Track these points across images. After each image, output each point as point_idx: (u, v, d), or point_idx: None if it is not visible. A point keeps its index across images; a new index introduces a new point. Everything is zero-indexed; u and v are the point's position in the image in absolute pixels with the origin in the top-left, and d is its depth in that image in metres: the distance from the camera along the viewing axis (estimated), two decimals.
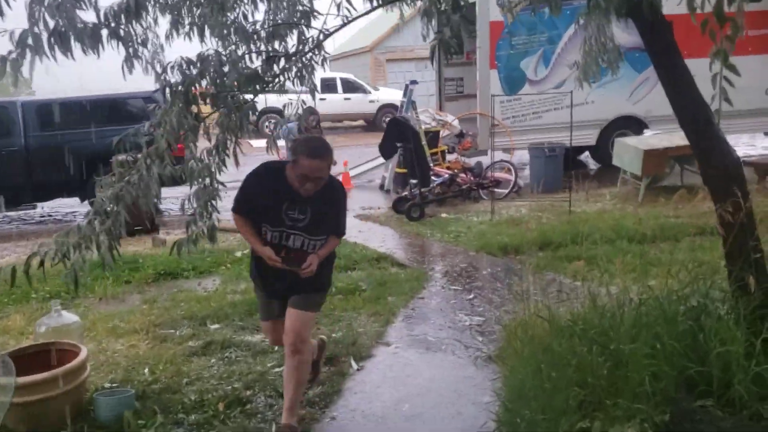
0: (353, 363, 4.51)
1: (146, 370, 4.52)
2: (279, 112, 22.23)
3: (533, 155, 11.06)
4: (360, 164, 12.99)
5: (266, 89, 3.48)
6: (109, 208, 3.07)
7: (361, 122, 23.84)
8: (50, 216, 11.53)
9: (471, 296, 5.89)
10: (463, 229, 8.45)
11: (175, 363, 4.64)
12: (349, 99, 22.85)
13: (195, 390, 4.20)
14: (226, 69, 3.24)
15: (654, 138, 10.03)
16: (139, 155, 3.19)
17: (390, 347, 4.81)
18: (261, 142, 22.74)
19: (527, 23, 11.46)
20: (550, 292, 5.65)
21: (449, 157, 11.81)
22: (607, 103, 11.82)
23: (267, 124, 22.23)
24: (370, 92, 23.30)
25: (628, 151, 9.65)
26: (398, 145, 9.12)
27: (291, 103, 3.77)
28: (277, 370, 4.45)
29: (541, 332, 3.68)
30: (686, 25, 3.10)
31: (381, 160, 11.24)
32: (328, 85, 22.90)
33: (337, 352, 4.65)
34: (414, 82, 11.35)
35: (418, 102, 11.44)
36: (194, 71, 3.20)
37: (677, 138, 8.43)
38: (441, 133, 12.08)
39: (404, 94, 11.37)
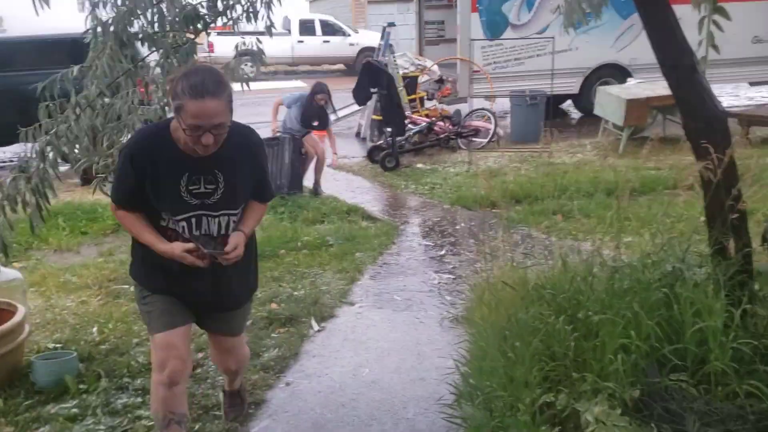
0: (314, 324, 4.30)
1: (95, 329, 4.28)
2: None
3: (514, 103, 10.73)
4: (336, 110, 12.58)
5: (210, 28, 3.10)
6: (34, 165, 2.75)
7: (340, 66, 23.21)
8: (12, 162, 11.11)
9: (442, 252, 5.68)
10: (438, 180, 8.18)
11: (126, 322, 4.40)
12: (328, 42, 22.16)
13: (144, 351, 3.96)
14: (163, 6, 2.89)
15: (637, 87, 9.74)
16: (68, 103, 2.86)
17: (354, 307, 4.59)
18: (237, 86, 22.19)
19: None
20: (523, 249, 5.48)
21: (428, 104, 11.47)
22: (590, 50, 11.45)
23: (243, 67, 21.52)
24: (349, 35, 22.60)
25: (610, 100, 9.37)
26: (372, 90, 8.76)
27: (244, 43, 3.38)
28: None
29: (508, 295, 3.46)
30: None
31: (358, 106, 10.85)
32: (307, 27, 22.22)
33: (298, 312, 4.42)
34: (391, 24, 10.89)
35: (398, 46, 11.03)
36: (127, 7, 2.84)
37: (661, 87, 8.14)
38: (420, 78, 11.69)
39: (381, 37, 10.92)
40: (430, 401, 3.33)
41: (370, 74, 8.55)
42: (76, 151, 2.83)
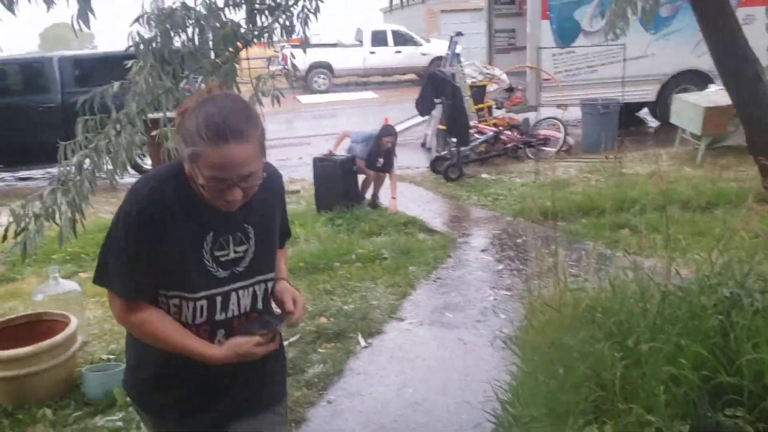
0: (361, 339, 4.23)
1: None
2: (329, 67, 21.91)
3: (586, 112, 10.39)
4: (404, 120, 12.54)
5: (250, 45, 3.09)
6: (72, 178, 2.80)
7: (412, 76, 23.19)
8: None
9: (500, 267, 5.51)
10: (503, 191, 7.99)
11: None
12: (399, 52, 22.20)
13: None
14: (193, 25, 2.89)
15: (717, 94, 9.22)
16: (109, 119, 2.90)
17: (403, 323, 4.49)
18: (310, 98, 22.53)
19: None
20: (583, 265, 5.25)
21: (497, 112, 11.27)
22: (668, 56, 10.98)
23: (316, 79, 21.88)
24: (421, 44, 22.57)
25: (687, 108, 8.92)
26: (436, 101, 8.65)
27: (278, 56, 3.35)
28: (284, 343, 4.20)
29: (557, 317, 3.29)
30: None
31: (421, 117, 10.78)
32: (379, 38, 22.34)
33: (346, 327, 4.37)
34: (459, 34, 10.75)
35: (472, 55, 10.89)
36: (167, 24, 2.86)
37: None
38: (488, 87, 11.51)
39: (449, 47, 10.80)
40: (472, 427, 3.19)
41: (434, 85, 8.46)
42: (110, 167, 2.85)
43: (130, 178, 3.60)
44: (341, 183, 7.23)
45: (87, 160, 2.78)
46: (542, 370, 2.91)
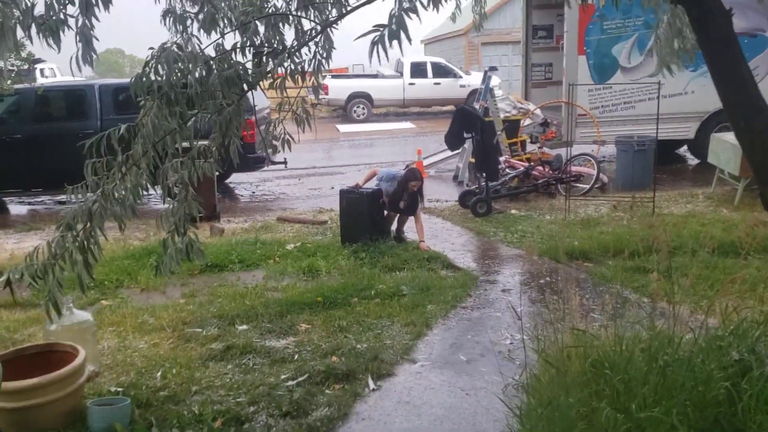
0: (370, 382, 4.15)
1: (158, 374, 4.35)
2: (368, 97, 22.09)
3: (620, 149, 10.21)
4: (437, 152, 12.52)
5: (254, 88, 3.10)
6: (80, 224, 2.82)
7: (451, 107, 23.21)
8: None
9: (520, 309, 5.38)
10: (531, 228, 7.86)
11: (191, 368, 4.44)
12: (438, 84, 22.29)
13: (199, 401, 3.97)
14: (213, 64, 2.91)
15: None
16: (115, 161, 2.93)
17: (415, 365, 4.40)
18: (349, 127, 22.72)
19: (621, 6, 10.57)
20: (604, 311, 5.10)
21: (530, 147, 11.16)
22: (707, 93, 10.63)
23: (355, 109, 22.08)
24: (461, 77, 22.63)
25: (725, 147, 8.69)
26: (466, 136, 8.60)
27: (288, 100, 3.33)
28: (289, 383, 4.16)
29: (566, 370, 3.18)
30: None
31: (450, 151, 10.75)
32: (419, 70, 22.49)
33: (356, 367, 4.29)
34: (493, 69, 10.75)
35: (513, 87, 10.84)
36: (178, 67, 2.88)
37: None
38: (523, 122, 11.44)
39: (482, 81, 10.78)
40: None
41: (462, 120, 8.41)
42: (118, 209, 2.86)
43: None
44: (367, 216, 7.20)
45: (95, 206, 2.80)
46: (545, 428, 2.81)
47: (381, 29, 2.60)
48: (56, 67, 26.71)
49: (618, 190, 9.75)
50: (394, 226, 7.51)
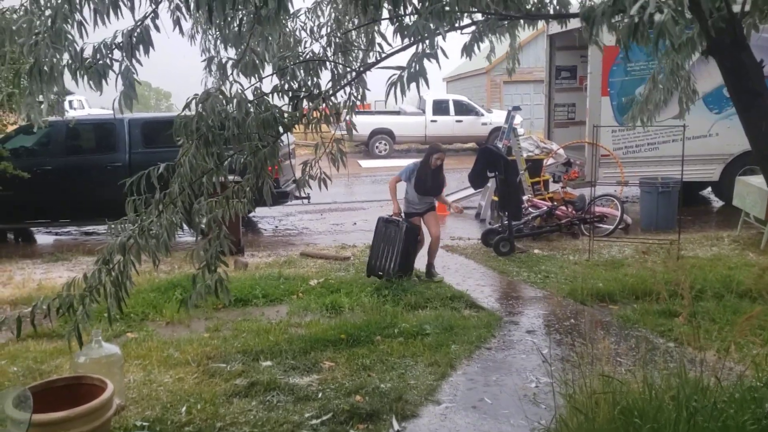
0: (395, 423, 4.13)
1: (183, 409, 4.36)
2: (390, 133, 22.29)
3: (644, 190, 10.20)
4: (459, 189, 12.56)
5: (290, 130, 3.17)
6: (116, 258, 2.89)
7: (472, 145, 23.35)
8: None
9: (545, 351, 5.34)
10: (554, 268, 7.84)
11: (215, 403, 4.45)
12: (460, 121, 22.47)
13: None
14: (250, 107, 2.99)
15: None
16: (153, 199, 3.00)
17: (440, 407, 4.38)
18: (371, 163, 22.85)
19: (646, 48, 10.65)
20: (631, 355, 5.06)
21: (553, 187, 11.17)
22: (732, 135, 10.71)
23: (377, 144, 22.28)
24: (482, 114, 22.81)
25: (750, 190, 8.64)
26: (489, 174, 8.64)
27: (323, 142, 3.39)
28: (314, 422, 4.16)
29: (594, 417, 3.16)
30: None
31: (474, 190, 10.79)
32: (441, 107, 22.70)
33: (380, 407, 4.28)
34: (516, 108, 10.85)
35: (535, 126, 10.91)
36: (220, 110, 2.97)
37: None
38: (546, 161, 11.47)
39: (506, 120, 10.87)
40: None
41: (486, 159, 8.46)
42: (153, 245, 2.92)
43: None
44: (400, 249, 7.22)
45: (131, 241, 2.87)
46: None
47: (401, 70, 2.65)
48: (84, 99, 27.30)
49: (642, 232, 9.72)
50: (419, 262, 7.51)
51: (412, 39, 2.64)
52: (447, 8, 2.51)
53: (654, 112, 3.84)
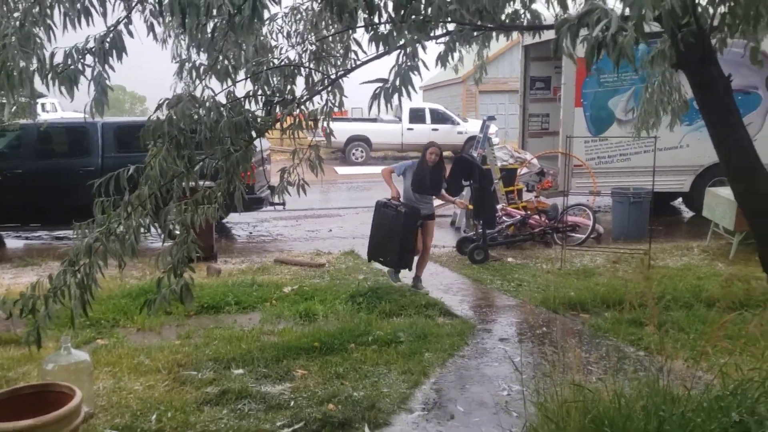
0: (367, 431, 4.12)
1: (153, 417, 4.31)
2: (366, 140, 22.32)
3: (616, 200, 10.32)
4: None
5: (263, 135, 3.16)
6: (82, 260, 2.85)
7: (448, 153, 23.44)
8: None
9: (517, 359, 5.37)
10: (527, 277, 7.90)
11: (186, 411, 4.41)
12: (436, 130, 22.57)
13: None
14: (223, 110, 2.98)
15: None
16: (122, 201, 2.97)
17: (412, 415, 4.38)
18: (347, 169, 22.84)
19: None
20: (602, 364, 5.11)
21: (527, 196, 11.26)
22: (703, 147, 10.85)
23: (354, 151, 22.30)
24: (458, 123, 22.96)
25: (719, 202, 8.79)
26: (464, 183, 8.69)
27: (301, 149, 3.39)
28: (285, 430, 4.14)
29: (567, 425, 3.18)
30: None
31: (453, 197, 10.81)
32: (417, 116, 22.80)
33: (353, 416, 4.27)
34: (491, 118, 10.91)
35: (509, 136, 10.99)
36: (191, 114, 2.95)
37: None
38: (520, 170, 11.55)
39: (481, 130, 10.94)
40: None
41: (461, 168, 8.51)
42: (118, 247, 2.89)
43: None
44: (398, 236, 7.04)
45: (97, 243, 2.83)
46: None
47: (384, 83, 2.66)
48: (57, 102, 26.91)
49: (613, 241, 9.83)
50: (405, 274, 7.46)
51: (388, 48, 2.65)
52: (424, 19, 2.53)
53: (657, 122, 3.90)
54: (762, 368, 3.16)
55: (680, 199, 12.50)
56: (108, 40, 2.63)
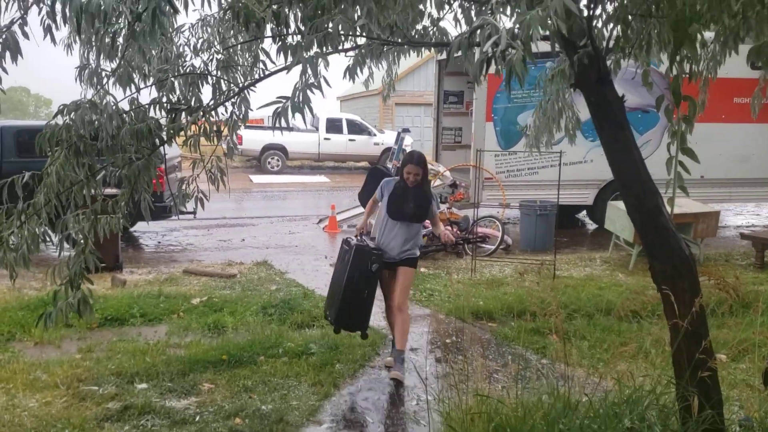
0: None
1: None
2: (283, 149, 22.15)
3: (524, 212, 10.67)
4: (350, 208, 12.65)
5: (168, 143, 3.09)
6: None
7: (365, 164, 23.61)
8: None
9: (427, 368, 5.45)
10: (438, 287, 8.02)
11: (85, 428, 4.23)
12: (353, 140, 22.68)
13: None
14: (126, 117, 2.89)
15: None
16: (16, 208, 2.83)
17: (321, 427, 4.36)
18: (262, 178, 22.51)
19: (527, 77, 11.18)
20: (507, 373, 5.25)
21: (440, 207, 11.46)
22: (606, 162, 11.32)
23: (270, 160, 22.09)
24: (375, 134, 23.14)
25: (620, 215, 9.22)
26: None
27: (202, 159, 3.32)
28: None
29: None
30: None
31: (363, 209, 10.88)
32: (334, 126, 22.83)
33: (260, 430, 4.21)
34: (406, 130, 11.08)
35: (425, 148, 11.14)
36: (90, 120, 2.84)
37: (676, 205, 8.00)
38: (433, 182, 11.74)
39: (395, 142, 11.08)
40: None
41: (375, 178, 8.58)
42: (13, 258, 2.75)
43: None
44: (343, 287, 5.23)
45: None
46: None
47: (284, 101, 2.65)
48: None
49: (521, 252, 10.14)
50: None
51: (296, 59, 2.65)
52: (331, 33, 2.54)
53: (550, 138, 4.05)
54: (652, 376, 3.34)
55: (584, 212, 13.03)
56: (0, 40, 2.51)
